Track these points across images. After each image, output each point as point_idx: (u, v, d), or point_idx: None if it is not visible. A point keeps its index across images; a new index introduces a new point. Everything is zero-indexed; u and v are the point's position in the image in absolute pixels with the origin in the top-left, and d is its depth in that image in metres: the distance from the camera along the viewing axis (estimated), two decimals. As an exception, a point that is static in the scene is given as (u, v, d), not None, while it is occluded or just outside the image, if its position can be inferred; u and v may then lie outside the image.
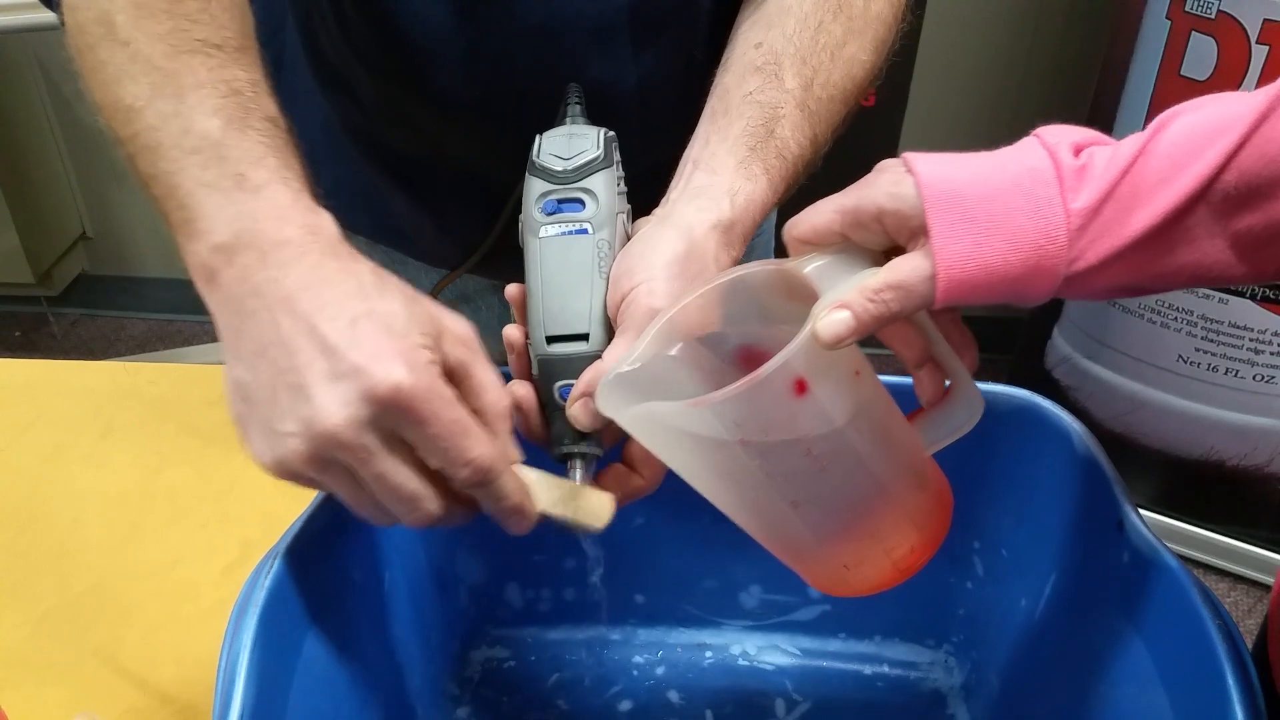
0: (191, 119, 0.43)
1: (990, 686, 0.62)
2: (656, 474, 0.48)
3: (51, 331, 2.29)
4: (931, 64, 1.73)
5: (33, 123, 2.10)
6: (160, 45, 0.44)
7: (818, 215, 0.43)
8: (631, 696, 0.65)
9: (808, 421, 0.41)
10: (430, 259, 0.75)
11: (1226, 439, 1.49)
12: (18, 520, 0.75)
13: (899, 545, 0.45)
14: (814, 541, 0.45)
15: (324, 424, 0.38)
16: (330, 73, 0.66)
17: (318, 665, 0.48)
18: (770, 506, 0.43)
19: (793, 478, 0.42)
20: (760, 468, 0.41)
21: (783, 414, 0.40)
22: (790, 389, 0.39)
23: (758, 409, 0.39)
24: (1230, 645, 0.42)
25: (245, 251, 0.41)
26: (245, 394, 0.40)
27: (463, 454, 0.40)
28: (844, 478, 0.43)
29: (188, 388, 0.88)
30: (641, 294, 0.45)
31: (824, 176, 0.54)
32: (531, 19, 0.58)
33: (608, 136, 0.51)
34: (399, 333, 0.39)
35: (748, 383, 0.38)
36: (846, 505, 0.44)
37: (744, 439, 0.40)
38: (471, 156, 0.66)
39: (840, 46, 0.55)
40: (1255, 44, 1.23)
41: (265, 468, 0.40)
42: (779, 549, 0.46)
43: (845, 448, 0.42)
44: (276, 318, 0.39)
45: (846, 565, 0.46)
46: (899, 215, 0.40)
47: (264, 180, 0.43)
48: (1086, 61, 1.73)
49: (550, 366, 0.47)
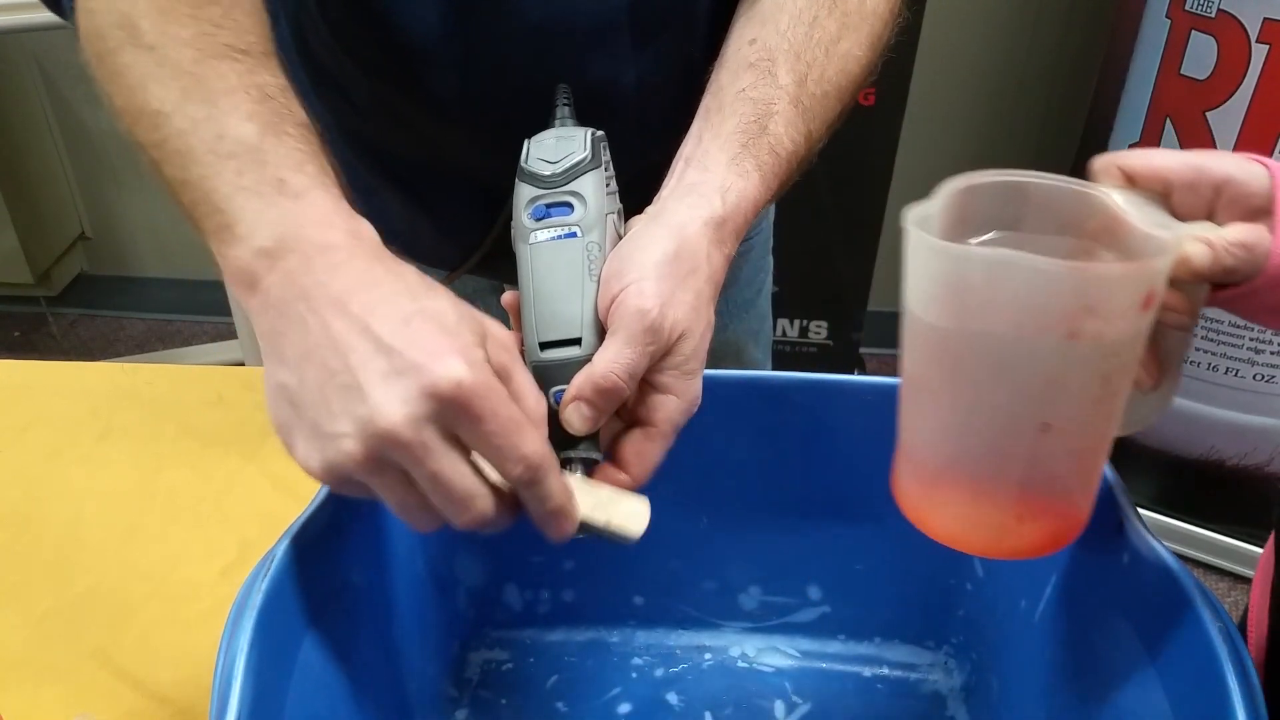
0: (225, 124, 0.43)
1: (990, 688, 0.62)
2: (646, 474, 0.47)
3: (50, 332, 2.29)
4: (931, 63, 1.72)
5: (31, 123, 2.10)
6: (188, 50, 0.44)
7: (1160, 156, 0.43)
8: (630, 698, 0.65)
9: (1130, 340, 0.39)
10: (429, 260, 0.75)
11: (1226, 438, 1.49)
12: (16, 521, 0.75)
13: (1077, 509, 0.43)
14: (1023, 476, 0.42)
15: (383, 422, 0.37)
16: (323, 74, 0.66)
17: (315, 667, 0.48)
18: (1015, 419, 0.40)
19: (1074, 394, 0.39)
20: (1054, 369, 0.38)
21: (1127, 320, 0.38)
22: (1144, 297, 0.38)
23: (1117, 302, 0.37)
24: (1231, 647, 0.42)
25: (289, 256, 0.41)
26: (291, 398, 0.40)
27: (516, 449, 0.39)
28: (1103, 418, 0.41)
29: (186, 388, 0.88)
30: (631, 294, 0.45)
31: (824, 176, 0.54)
32: (529, 18, 0.58)
33: (595, 137, 0.50)
34: (452, 331, 0.39)
35: (1128, 268, 0.36)
36: (1085, 448, 0.42)
37: (1074, 329, 0.37)
38: (468, 158, 0.65)
39: (835, 42, 0.55)
40: (1255, 43, 1.22)
41: (313, 473, 0.40)
42: (961, 475, 0.43)
43: (1123, 384, 0.40)
44: (326, 320, 0.39)
45: (1022, 516, 0.43)
46: (1243, 189, 0.41)
47: (305, 186, 0.43)
48: (1086, 61, 1.73)
49: (544, 373, 0.47)
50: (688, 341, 0.46)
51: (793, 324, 1.86)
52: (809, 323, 1.86)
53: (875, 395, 0.59)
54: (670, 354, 0.46)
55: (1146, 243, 0.40)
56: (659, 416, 0.47)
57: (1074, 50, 1.81)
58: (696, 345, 0.47)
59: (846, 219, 1.71)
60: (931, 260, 0.39)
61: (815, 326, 1.86)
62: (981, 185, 0.42)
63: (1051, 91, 1.87)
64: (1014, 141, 1.94)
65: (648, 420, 0.47)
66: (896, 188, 1.73)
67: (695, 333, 0.46)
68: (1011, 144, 1.94)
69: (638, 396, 0.47)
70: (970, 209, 0.42)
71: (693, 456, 0.49)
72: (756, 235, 0.83)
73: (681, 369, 0.46)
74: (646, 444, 0.47)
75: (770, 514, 0.64)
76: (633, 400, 0.48)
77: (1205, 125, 1.29)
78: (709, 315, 0.48)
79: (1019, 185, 0.42)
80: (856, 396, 0.59)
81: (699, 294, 0.47)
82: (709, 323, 0.48)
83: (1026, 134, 1.93)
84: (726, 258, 0.49)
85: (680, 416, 0.47)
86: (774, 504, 0.63)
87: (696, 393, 0.47)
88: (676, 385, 0.46)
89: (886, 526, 0.63)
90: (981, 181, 0.42)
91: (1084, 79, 1.70)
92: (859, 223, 1.73)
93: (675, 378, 0.46)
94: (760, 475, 0.62)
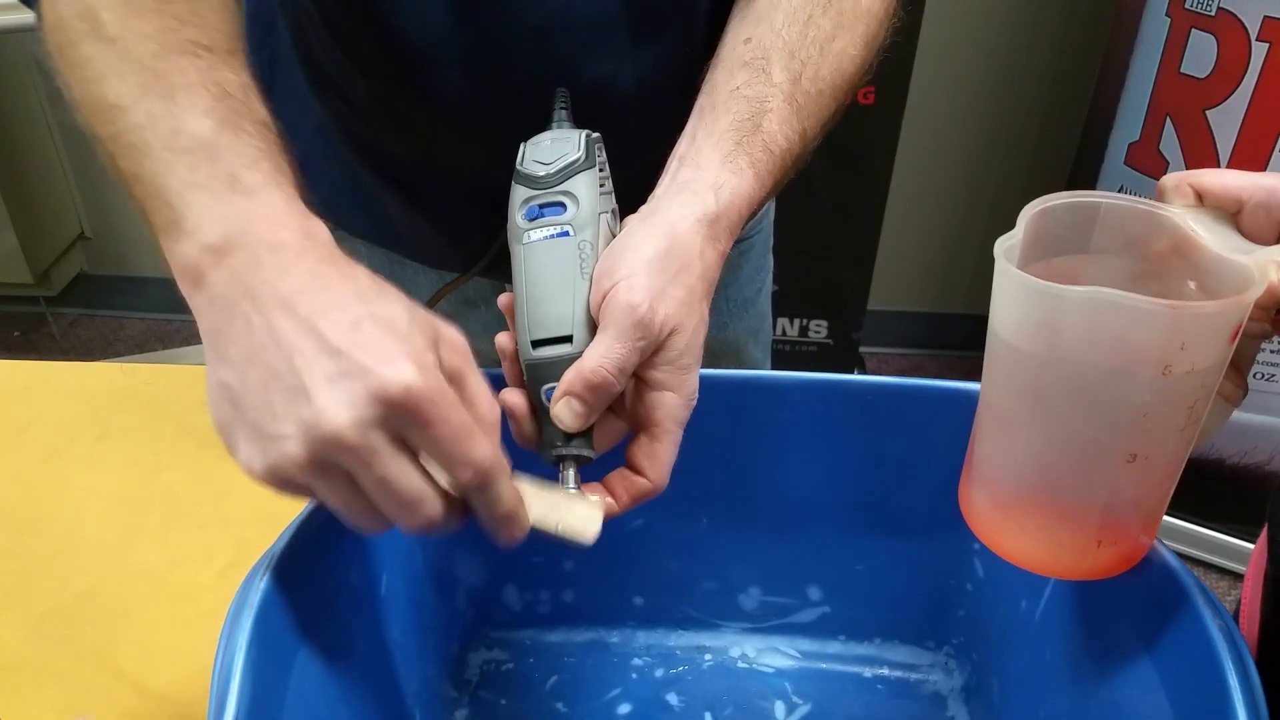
0: (182, 119, 0.42)
1: (991, 688, 0.62)
2: (663, 474, 0.47)
3: (50, 331, 2.29)
4: (931, 63, 1.72)
5: (31, 122, 2.10)
6: (149, 44, 0.44)
7: (1233, 176, 0.42)
8: (630, 699, 0.65)
9: (1216, 369, 0.39)
10: (429, 261, 0.75)
11: (1226, 437, 1.49)
12: (14, 522, 0.75)
13: (1151, 531, 0.43)
14: (1106, 504, 0.42)
15: (328, 425, 0.37)
16: (321, 75, 0.66)
17: (314, 668, 0.48)
18: (1103, 450, 0.40)
19: (1162, 425, 0.39)
20: (1145, 402, 0.38)
21: (1217, 352, 0.38)
22: (1234, 330, 0.38)
23: (1209, 336, 0.37)
24: (1232, 647, 0.42)
25: (237, 253, 0.40)
26: (233, 398, 0.39)
27: (466, 455, 0.39)
28: (1185, 444, 0.41)
29: (185, 389, 0.87)
30: (621, 291, 0.45)
31: (824, 176, 0.54)
32: (528, 17, 0.57)
33: (590, 138, 0.51)
34: (403, 335, 0.39)
35: (1222, 305, 0.36)
36: (1167, 474, 0.42)
37: (1168, 364, 0.37)
38: (468, 158, 0.65)
39: (829, 41, 0.55)
40: (1255, 41, 1.22)
41: (254, 474, 0.39)
42: (1042, 502, 0.43)
43: (1204, 410, 0.40)
44: (272, 320, 0.39)
45: (1101, 542, 0.43)
46: None
47: (258, 183, 0.42)
48: (1086, 60, 1.73)
49: (536, 371, 0.47)
50: (680, 337, 0.46)
51: (793, 323, 1.86)
52: (809, 322, 1.86)
53: (875, 395, 0.59)
54: (663, 350, 0.46)
55: (1221, 266, 0.40)
56: (660, 415, 0.47)
57: (1073, 49, 1.81)
58: (689, 340, 0.47)
59: (846, 218, 1.71)
60: (1024, 296, 0.39)
61: (815, 326, 1.86)
62: (1055, 207, 0.42)
63: (1051, 91, 1.87)
64: (1014, 141, 1.94)
65: (649, 420, 0.47)
66: (896, 187, 1.73)
67: (687, 328, 0.46)
68: (1011, 143, 1.94)
69: (636, 397, 0.47)
70: (1044, 230, 0.42)
71: (693, 456, 0.49)
72: (756, 234, 0.83)
73: (676, 364, 0.46)
74: (654, 445, 0.47)
75: (770, 514, 0.64)
76: (631, 402, 0.48)
77: (1205, 124, 1.29)
78: (702, 311, 0.48)
79: (1090, 205, 0.42)
80: (857, 397, 0.59)
81: (690, 290, 0.47)
82: (702, 318, 0.48)
83: (1026, 133, 1.92)
84: (721, 254, 0.49)
85: (681, 412, 0.47)
86: (774, 504, 0.63)
87: (693, 388, 0.48)
88: (672, 381, 0.47)
89: (887, 527, 0.63)
90: (1056, 203, 0.42)
91: (1084, 78, 1.70)
92: (859, 222, 1.73)
93: (670, 374, 0.46)
94: (760, 475, 0.62)
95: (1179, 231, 0.41)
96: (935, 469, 0.58)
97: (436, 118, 0.63)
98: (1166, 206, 0.43)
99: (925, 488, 0.60)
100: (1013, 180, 1.97)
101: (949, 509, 0.60)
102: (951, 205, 2.03)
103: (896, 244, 1.97)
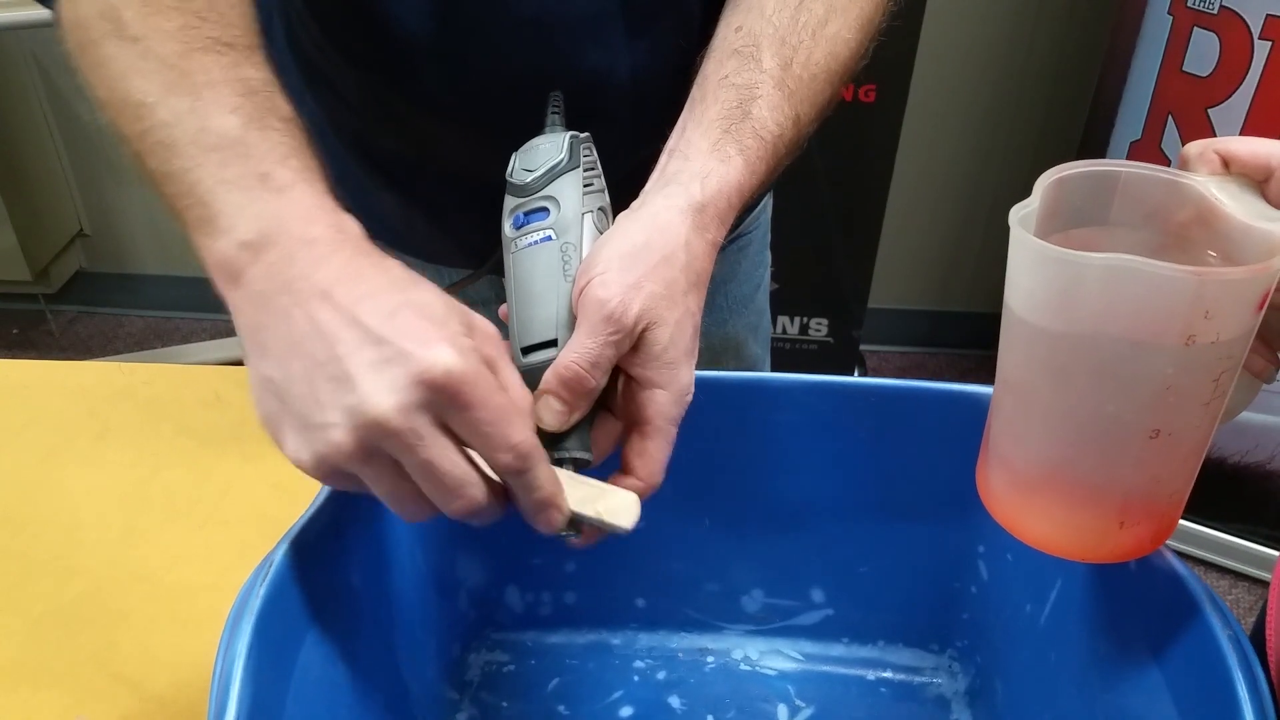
0: (208, 116, 0.43)
1: (995, 692, 0.61)
2: (654, 473, 0.47)
3: (49, 329, 2.29)
4: (932, 61, 1.72)
5: (30, 120, 2.10)
6: (171, 43, 0.44)
7: (1264, 143, 0.41)
8: (632, 701, 0.64)
9: (1243, 339, 0.37)
10: (428, 257, 0.74)
11: (1227, 436, 1.49)
12: (13, 523, 0.75)
13: (1176, 509, 0.42)
14: (1129, 482, 0.41)
15: (373, 411, 0.37)
16: (314, 71, 0.65)
17: (315, 670, 0.48)
18: (1125, 427, 0.39)
19: (1187, 398, 0.38)
20: (1168, 374, 0.37)
21: (1243, 322, 0.37)
22: (1261, 298, 0.36)
23: (1234, 305, 0.36)
24: (1239, 653, 0.42)
25: (272, 249, 0.41)
26: (277, 391, 0.40)
27: (506, 439, 0.39)
28: (1210, 418, 0.39)
29: (184, 388, 0.87)
30: (595, 286, 0.45)
31: (824, 173, 0.53)
32: (521, 9, 0.57)
33: (576, 139, 0.50)
34: (440, 320, 0.39)
35: (1249, 271, 0.35)
36: (1193, 450, 0.41)
37: (1191, 334, 0.36)
38: (461, 153, 0.65)
39: (822, 25, 0.54)
40: (1258, 40, 1.22)
41: (302, 466, 0.40)
42: (1064, 482, 0.42)
43: (1230, 383, 0.39)
44: (312, 311, 0.39)
45: (1124, 522, 0.42)
46: None
47: (289, 180, 0.42)
48: (1088, 58, 1.73)
49: (529, 377, 0.47)
50: (660, 330, 0.45)
51: (793, 321, 1.86)
52: (809, 320, 1.86)
53: (878, 397, 0.59)
54: (644, 345, 0.45)
55: (1247, 234, 0.39)
56: (650, 412, 0.46)
57: (1075, 47, 1.80)
58: (673, 334, 0.46)
59: (847, 216, 1.71)
60: (1041, 266, 0.38)
61: (815, 324, 1.86)
62: (1072, 176, 0.41)
63: (1053, 89, 1.87)
64: (1015, 139, 1.93)
65: (640, 418, 0.47)
66: (897, 185, 1.73)
67: (668, 321, 0.46)
68: (1012, 141, 1.94)
69: (627, 396, 0.47)
70: (1061, 200, 0.41)
71: (694, 458, 0.49)
72: (754, 229, 0.83)
73: (661, 360, 0.46)
74: (645, 443, 0.46)
75: (773, 516, 0.63)
76: (623, 401, 0.47)
77: (1207, 122, 1.29)
78: (687, 304, 0.47)
79: (1109, 175, 0.41)
80: (860, 398, 0.59)
81: (671, 283, 0.46)
82: (687, 310, 0.47)
83: (1027, 131, 1.92)
84: (711, 244, 0.49)
85: (673, 409, 0.47)
86: (777, 506, 0.63)
87: (684, 383, 0.47)
88: (660, 377, 0.46)
89: (890, 528, 0.63)
90: (1072, 172, 0.41)
91: (1085, 76, 1.70)
92: (859, 220, 1.73)
93: (657, 370, 0.46)
94: (763, 477, 0.62)
95: (1203, 201, 0.40)
96: (939, 470, 0.58)
97: (428, 112, 0.63)
98: (1189, 175, 0.41)
99: (929, 489, 0.60)
100: (1014, 179, 1.97)
101: (953, 511, 0.60)
102: (952, 203, 2.03)
103: (897, 242, 1.96)
